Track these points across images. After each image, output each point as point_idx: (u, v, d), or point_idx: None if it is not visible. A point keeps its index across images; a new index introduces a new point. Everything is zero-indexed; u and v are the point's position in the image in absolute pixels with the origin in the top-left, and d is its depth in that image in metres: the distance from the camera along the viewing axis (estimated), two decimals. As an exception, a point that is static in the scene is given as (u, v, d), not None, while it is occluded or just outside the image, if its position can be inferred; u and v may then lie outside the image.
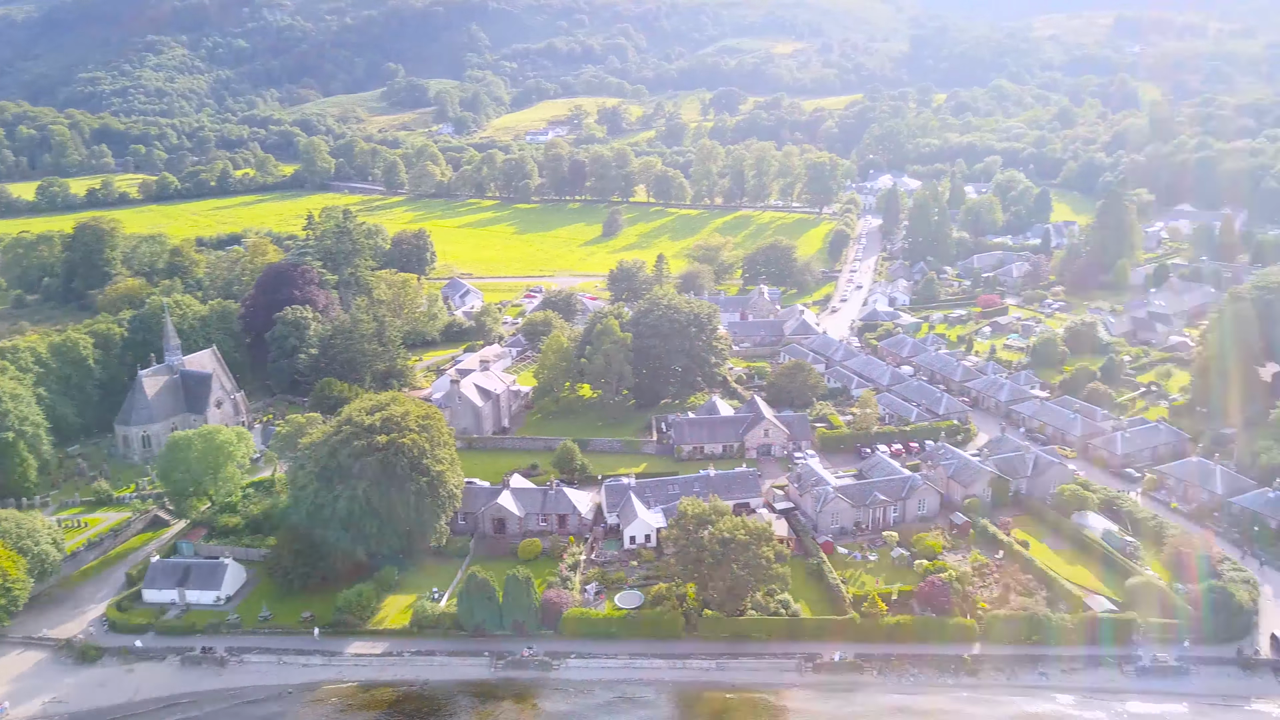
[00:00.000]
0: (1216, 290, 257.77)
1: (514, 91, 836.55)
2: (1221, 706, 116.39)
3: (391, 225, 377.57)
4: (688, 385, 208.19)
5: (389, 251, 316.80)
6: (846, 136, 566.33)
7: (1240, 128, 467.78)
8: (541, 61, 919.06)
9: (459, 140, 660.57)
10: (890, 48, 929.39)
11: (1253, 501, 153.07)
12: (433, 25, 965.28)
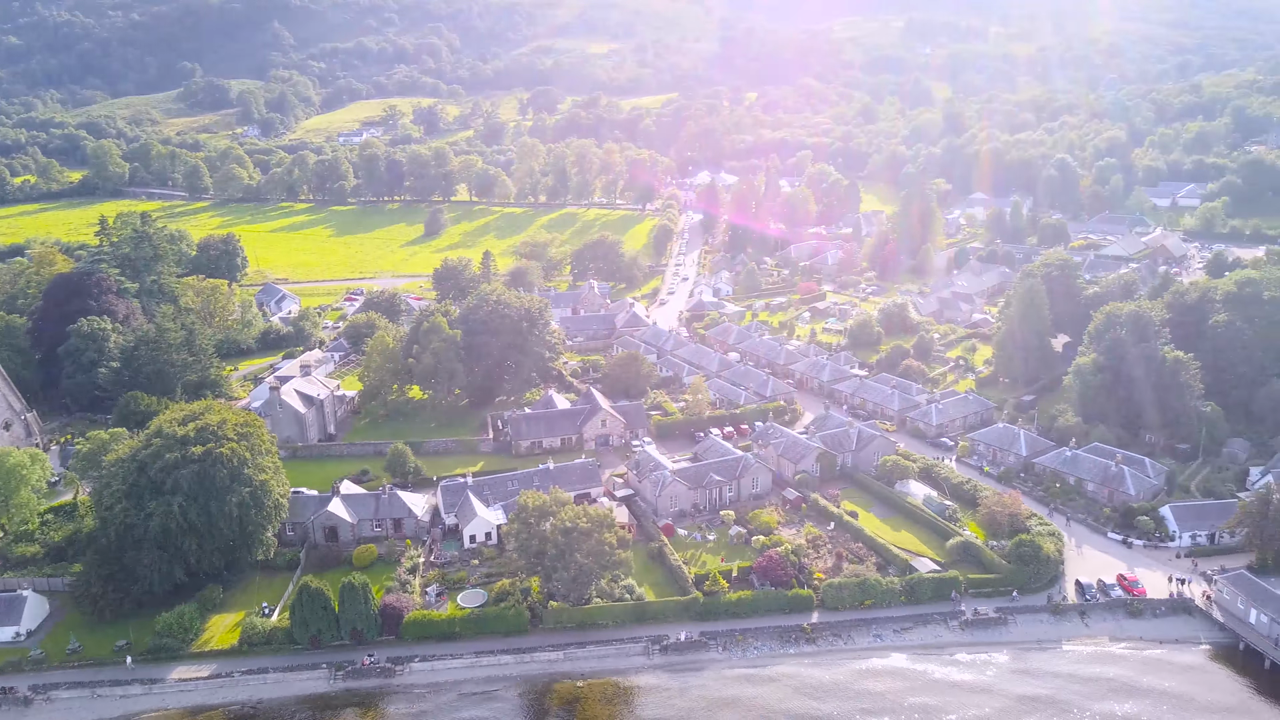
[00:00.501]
0: (1010, 270, 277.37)
1: (324, 92, 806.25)
2: (1036, 650, 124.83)
3: (197, 231, 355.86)
4: (522, 381, 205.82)
5: (195, 258, 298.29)
6: (664, 134, 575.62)
7: (1022, 121, 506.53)
8: (351, 61, 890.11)
9: (267, 142, 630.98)
10: (702, 48, 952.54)
11: (1052, 461, 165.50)
12: (231, 23, 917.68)
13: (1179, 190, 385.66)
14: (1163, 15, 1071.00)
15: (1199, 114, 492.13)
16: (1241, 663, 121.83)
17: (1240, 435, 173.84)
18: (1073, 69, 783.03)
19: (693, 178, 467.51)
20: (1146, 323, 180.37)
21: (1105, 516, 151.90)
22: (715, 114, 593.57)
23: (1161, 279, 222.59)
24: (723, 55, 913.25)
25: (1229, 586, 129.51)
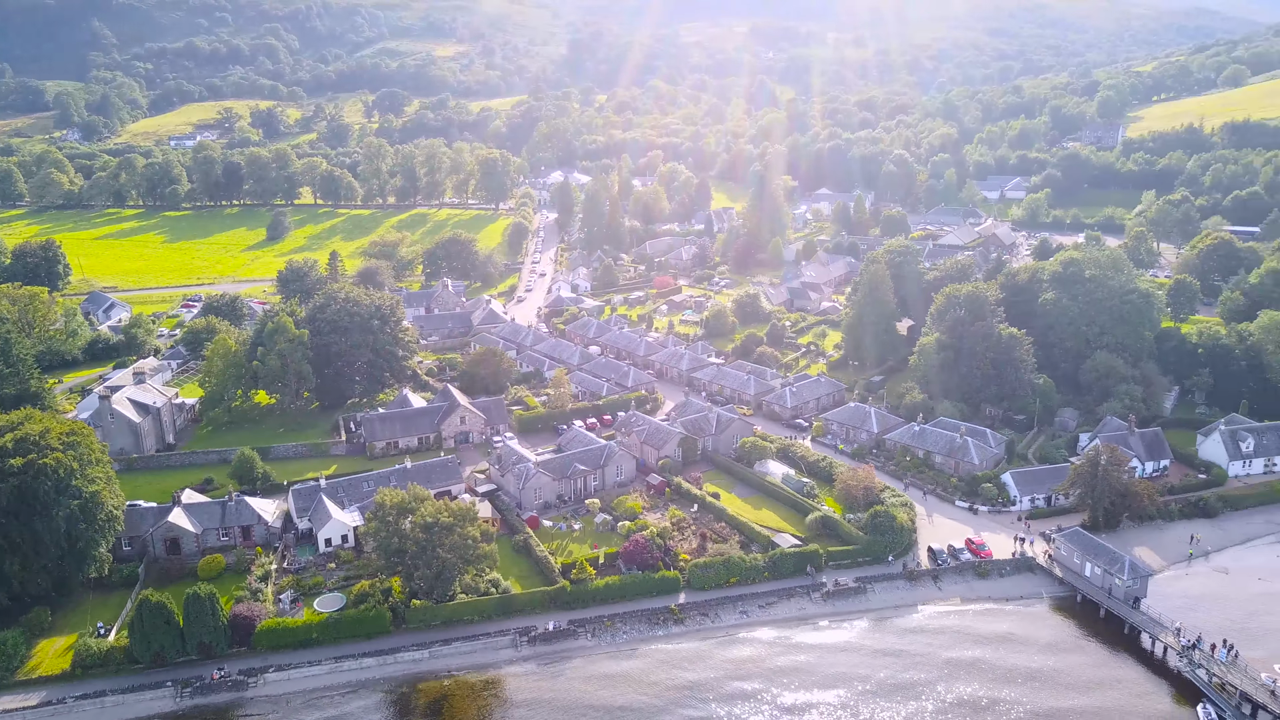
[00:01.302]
0: (855, 260, 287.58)
1: (152, 94, 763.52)
2: (894, 615, 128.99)
3: (11, 239, 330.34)
4: (375, 382, 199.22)
5: (9, 265, 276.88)
6: (516, 135, 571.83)
7: (861, 120, 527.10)
8: (182, 62, 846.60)
9: (90, 146, 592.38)
10: (551, 51, 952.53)
11: (902, 436, 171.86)
12: (45, 20, 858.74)
13: (1006, 183, 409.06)
14: (984, 23, 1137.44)
15: (1021, 113, 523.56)
16: (1079, 612, 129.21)
17: (1070, 405, 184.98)
18: (905, 72, 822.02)
19: (546, 177, 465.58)
20: (983, 302, 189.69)
21: (953, 486, 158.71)
22: (566, 115, 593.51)
23: (995, 263, 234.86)
24: (572, 58, 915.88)
25: (1065, 544, 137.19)
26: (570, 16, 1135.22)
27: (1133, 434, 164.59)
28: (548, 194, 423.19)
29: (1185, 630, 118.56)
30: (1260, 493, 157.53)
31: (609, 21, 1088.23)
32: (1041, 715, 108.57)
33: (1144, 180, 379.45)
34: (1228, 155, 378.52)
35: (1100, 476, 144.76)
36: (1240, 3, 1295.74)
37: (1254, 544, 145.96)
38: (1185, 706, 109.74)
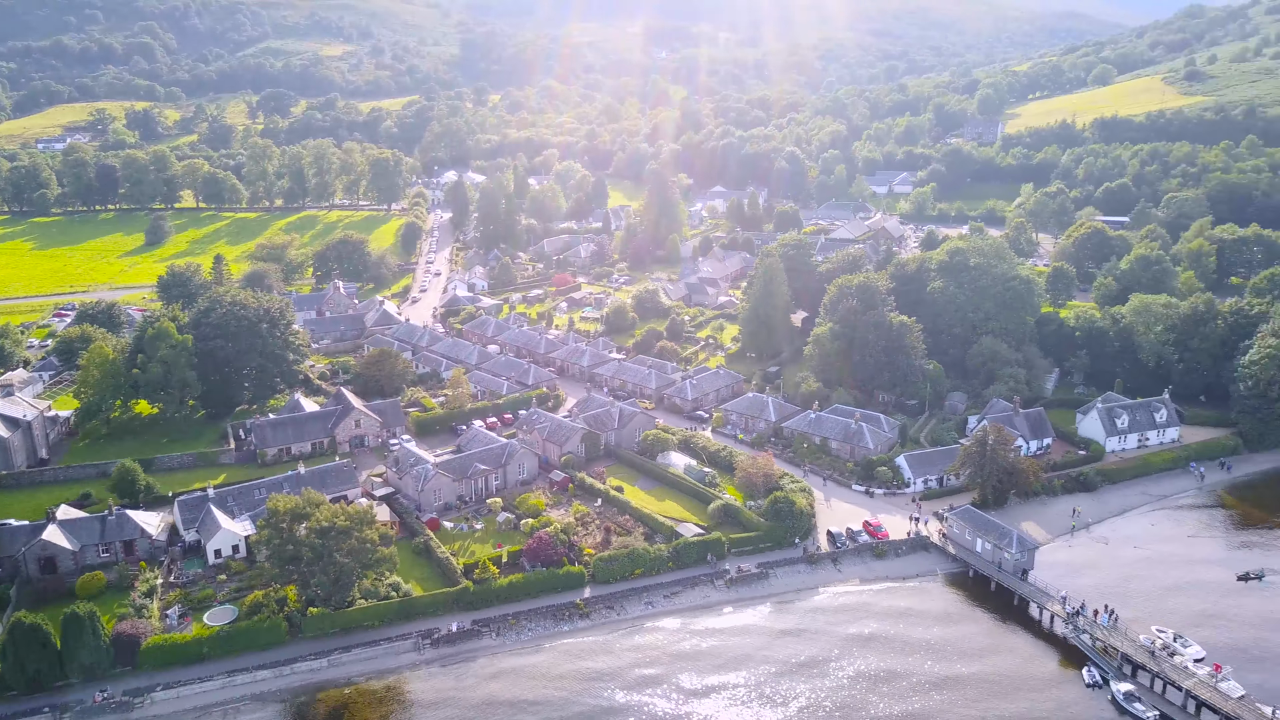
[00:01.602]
0: (750, 255, 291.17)
1: (16, 95, 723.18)
2: (796, 598, 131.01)
3: None
4: (265, 387, 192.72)
5: None
6: (408, 135, 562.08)
7: (754, 118, 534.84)
8: (48, 61, 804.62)
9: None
10: (442, 51, 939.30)
11: (799, 424, 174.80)
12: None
13: (894, 178, 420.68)
14: (869, 25, 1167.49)
15: (906, 110, 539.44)
16: (971, 586, 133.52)
17: (959, 389, 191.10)
18: (795, 72, 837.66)
19: (440, 177, 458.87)
20: (874, 292, 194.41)
21: (849, 470, 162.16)
22: (459, 115, 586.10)
23: (885, 254, 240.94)
24: (464, 58, 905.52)
25: (957, 521, 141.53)
26: (461, 16, 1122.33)
27: (1017, 414, 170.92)
28: (442, 194, 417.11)
29: (1070, 598, 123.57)
30: (1135, 466, 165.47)
31: (501, 21, 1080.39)
32: (937, 683, 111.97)
33: (1022, 174, 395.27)
34: (1098, 149, 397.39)
35: (988, 456, 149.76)
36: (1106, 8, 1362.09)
37: (1130, 514, 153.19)
38: (1071, 669, 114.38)
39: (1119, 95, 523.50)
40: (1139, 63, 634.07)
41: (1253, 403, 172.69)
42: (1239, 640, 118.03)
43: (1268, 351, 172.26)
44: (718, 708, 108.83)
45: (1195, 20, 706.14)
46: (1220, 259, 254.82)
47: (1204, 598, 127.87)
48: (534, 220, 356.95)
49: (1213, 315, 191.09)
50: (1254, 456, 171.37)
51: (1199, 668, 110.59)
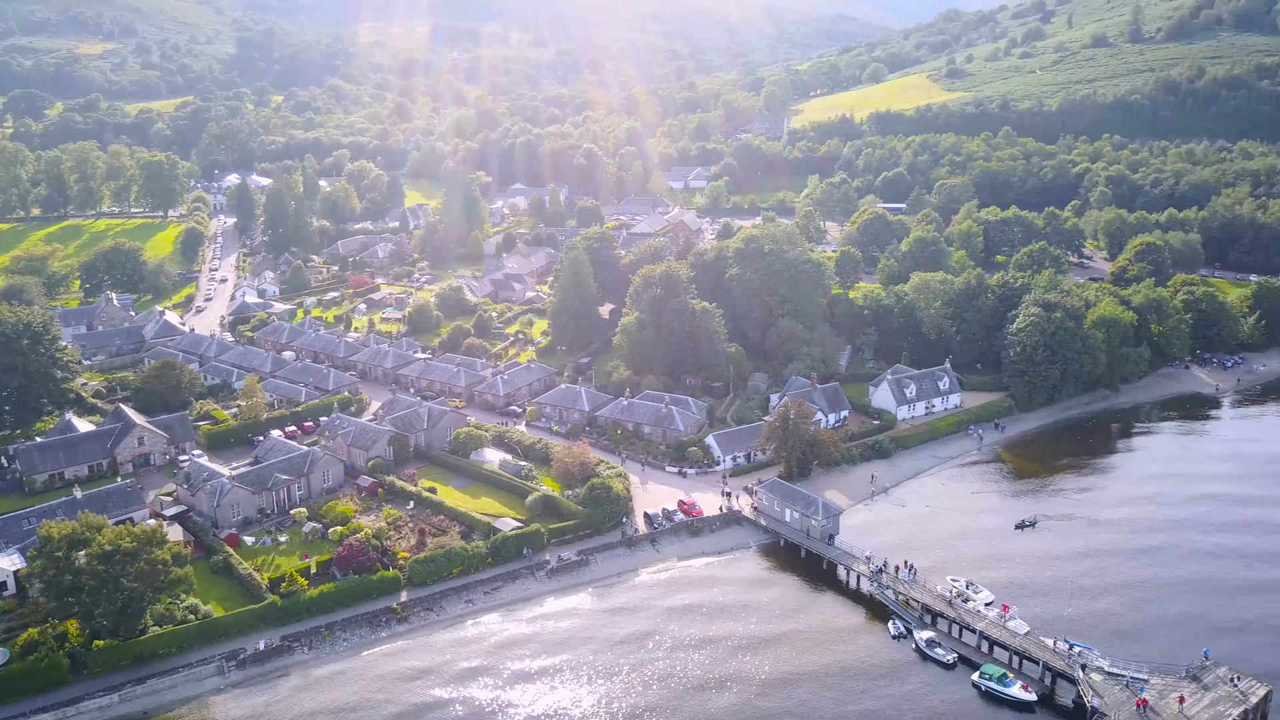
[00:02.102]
0: (555, 250, 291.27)
1: None
2: (617, 581, 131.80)
3: None
4: (29, 409, 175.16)
5: None
6: (183, 138, 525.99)
7: (550, 116, 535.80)
8: None
9: None
10: (216, 50, 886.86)
11: (612, 411, 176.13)
12: None
13: (689, 173, 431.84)
14: (659, 26, 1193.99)
15: (698, 108, 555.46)
16: (782, 555, 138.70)
17: (760, 369, 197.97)
18: (589, 71, 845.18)
19: (221, 181, 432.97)
20: (676, 280, 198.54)
21: (662, 453, 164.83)
22: (240, 116, 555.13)
23: (684, 245, 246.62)
24: (241, 57, 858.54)
25: (766, 494, 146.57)
26: (236, 13, 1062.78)
27: (815, 390, 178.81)
28: (225, 198, 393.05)
29: (873, 558, 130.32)
30: (924, 431, 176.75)
31: (279, 20, 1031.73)
32: (753, 644, 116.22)
33: (808, 166, 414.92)
34: (875, 142, 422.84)
35: (791, 430, 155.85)
36: (873, 12, 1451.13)
37: (922, 477, 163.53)
38: (878, 623, 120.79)
39: (891, 92, 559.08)
40: (907, 62, 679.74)
41: (1020, 367, 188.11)
42: (1018, 579, 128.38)
43: (1031, 319, 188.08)
44: (542, 690, 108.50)
45: (953, 23, 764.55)
46: (986, 238, 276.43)
47: (988, 545, 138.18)
48: (327, 222, 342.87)
49: (983, 289, 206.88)
50: (1024, 416, 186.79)
51: (990, 610, 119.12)
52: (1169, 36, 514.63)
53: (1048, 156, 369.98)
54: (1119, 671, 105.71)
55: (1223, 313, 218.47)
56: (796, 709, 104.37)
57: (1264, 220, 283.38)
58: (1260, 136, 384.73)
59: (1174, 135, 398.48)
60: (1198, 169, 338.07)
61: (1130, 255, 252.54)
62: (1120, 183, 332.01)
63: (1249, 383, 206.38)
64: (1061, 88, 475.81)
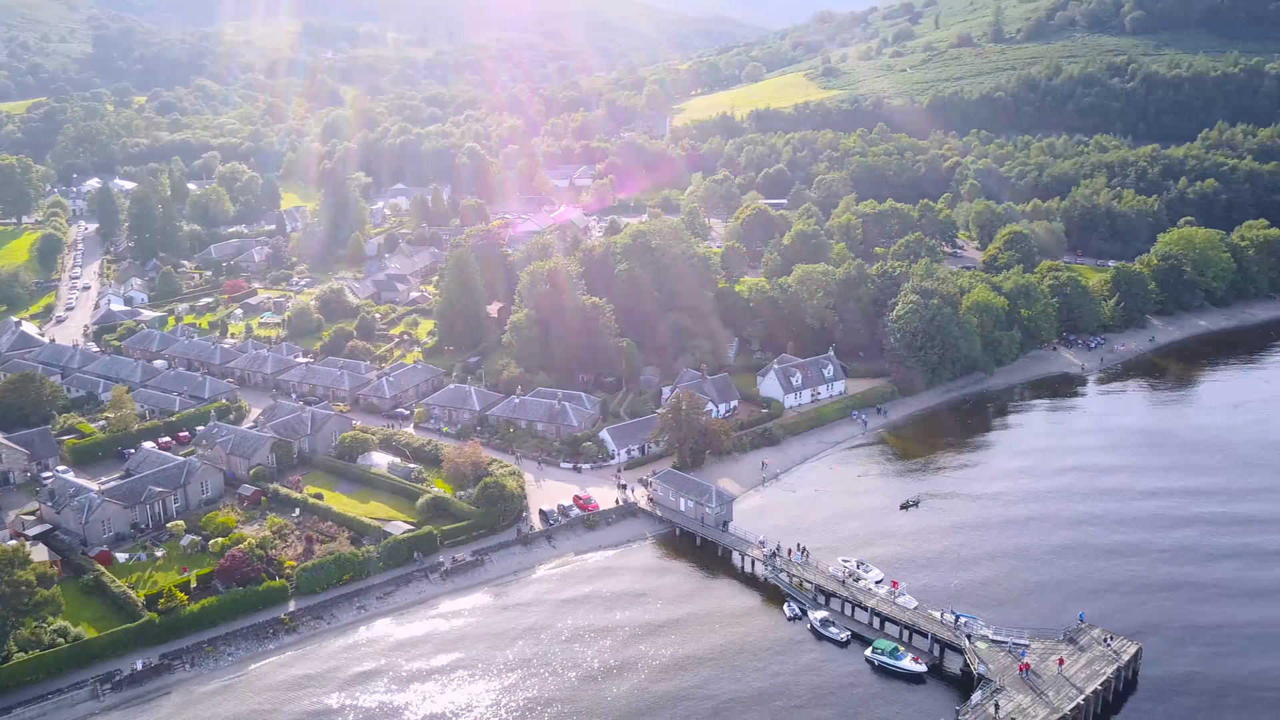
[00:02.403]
0: (439, 250, 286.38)
1: None
2: (514, 580, 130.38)
3: None
4: None
5: None
6: (36, 141, 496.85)
7: (431, 115, 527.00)
8: None
9: None
10: (71, 48, 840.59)
11: (503, 410, 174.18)
12: None
13: (574, 171, 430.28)
14: (540, 26, 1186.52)
15: (581, 106, 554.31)
16: (679, 543, 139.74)
17: (651, 363, 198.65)
18: (469, 71, 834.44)
19: (81, 185, 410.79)
20: (565, 277, 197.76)
21: (556, 449, 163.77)
22: (99, 117, 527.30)
23: (572, 241, 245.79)
24: (99, 56, 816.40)
25: (661, 484, 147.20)
26: (91, 11, 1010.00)
27: (706, 381, 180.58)
28: (85, 203, 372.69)
29: (766, 542, 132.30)
30: (811, 418, 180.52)
31: (139, 18, 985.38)
32: (651, 628, 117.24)
33: (692, 163, 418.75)
34: (756, 139, 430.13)
35: (683, 421, 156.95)
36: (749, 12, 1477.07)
37: (810, 462, 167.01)
38: (774, 606, 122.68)
39: (770, 90, 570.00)
40: (784, 61, 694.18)
41: (901, 353, 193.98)
42: (905, 555, 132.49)
43: (909, 307, 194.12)
44: (438, 689, 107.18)
45: (826, 24, 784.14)
46: (865, 231, 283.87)
47: (875, 524, 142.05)
48: (198, 226, 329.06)
49: (863, 279, 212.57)
50: (906, 400, 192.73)
51: (880, 588, 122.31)
52: (1028, 37, 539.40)
53: (920, 151, 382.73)
54: (1002, 639, 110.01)
55: (1085, 296, 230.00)
56: (694, 691, 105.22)
57: (1119, 209, 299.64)
58: (1113, 130, 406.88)
59: (1036, 130, 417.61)
60: (1058, 161, 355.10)
61: (1000, 244, 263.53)
62: (988, 175, 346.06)
63: (1111, 361, 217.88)
64: (931, 85, 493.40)
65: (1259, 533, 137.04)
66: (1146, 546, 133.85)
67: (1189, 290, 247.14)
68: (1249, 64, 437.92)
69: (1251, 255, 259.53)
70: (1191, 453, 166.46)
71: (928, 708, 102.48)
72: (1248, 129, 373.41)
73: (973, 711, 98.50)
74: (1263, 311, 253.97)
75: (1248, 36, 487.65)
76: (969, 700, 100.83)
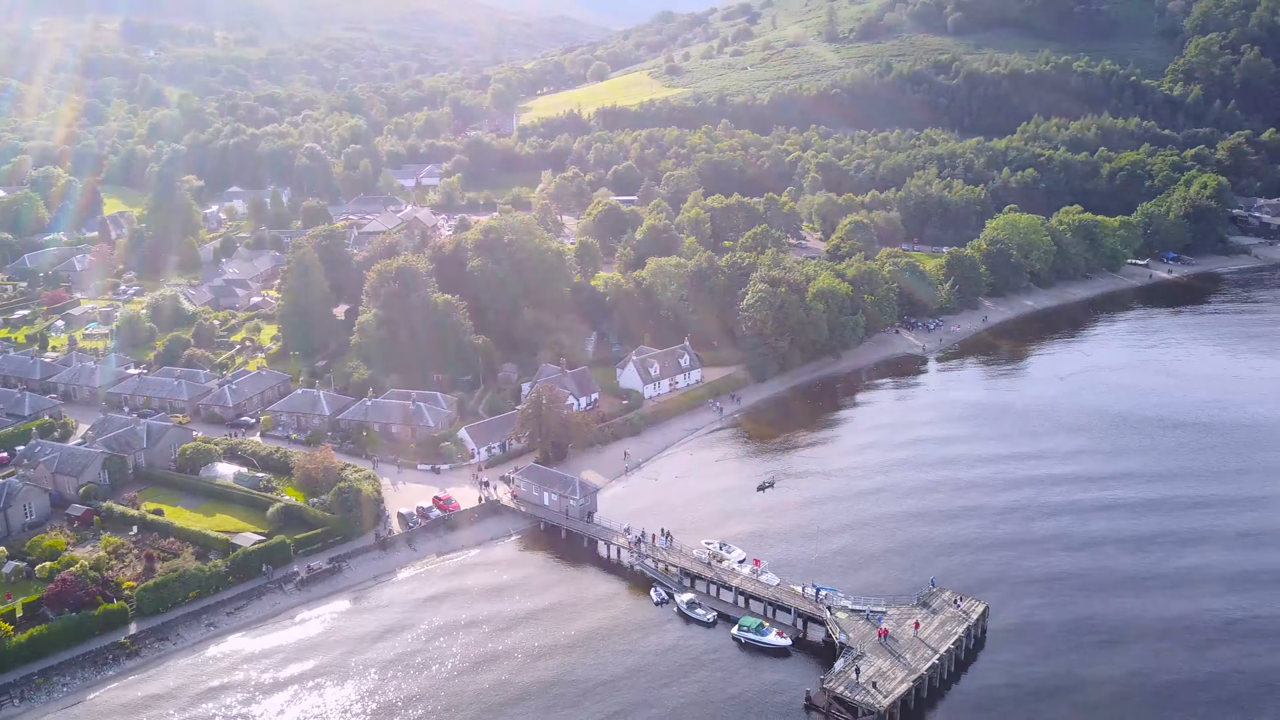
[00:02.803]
0: (280, 254, 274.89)
1: None
2: (374, 585, 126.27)
3: None
4: None
5: None
6: None
7: (266, 115, 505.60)
8: None
9: None
10: None
11: (356, 413, 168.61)
12: None
13: (421, 170, 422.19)
14: (378, 27, 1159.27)
15: (425, 106, 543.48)
16: (544, 538, 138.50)
17: (510, 360, 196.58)
18: (304, 71, 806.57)
19: None
20: (414, 274, 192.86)
21: (413, 451, 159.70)
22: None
23: (421, 238, 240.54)
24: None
25: (524, 480, 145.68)
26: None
27: (565, 376, 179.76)
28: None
29: (631, 529, 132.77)
30: (671, 408, 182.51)
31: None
32: (516, 620, 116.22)
33: (541, 161, 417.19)
34: (604, 136, 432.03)
35: (544, 415, 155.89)
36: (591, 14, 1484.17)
37: (671, 450, 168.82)
38: (641, 593, 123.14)
39: (616, 88, 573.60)
40: (628, 60, 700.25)
41: (753, 340, 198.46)
42: (765, 532, 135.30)
43: (759, 295, 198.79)
44: (292, 698, 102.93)
45: (668, 24, 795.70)
46: (714, 224, 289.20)
47: (735, 505, 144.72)
48: (9, 235, 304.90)
49: (714, 270, 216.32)
50: (760, 386, 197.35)
51: (743, 567, 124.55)
52: (860, 36, 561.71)
53: (764, 147, 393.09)
54: (860, 607, 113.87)
55: (923, 281, 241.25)
56: (561, 677, 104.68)
57: (951, 198, 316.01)
58: (941, 125, 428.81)
59: (871, 125, 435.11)
60: (893, 154, 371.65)
61: (842, 234, 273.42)
62: (829, 169, 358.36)
63: (949, 341, 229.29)
64: (771, 83, 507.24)
65: (1082, 491, 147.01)
66: (986, 508, 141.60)
67: (1016, 273, 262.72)
68: (1059, 62, 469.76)
69: (1069, 239, 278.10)
70: (1023, 421, 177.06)
71: (793, 679, 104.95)
72: (1061, 123, 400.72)
73: (836, 678, 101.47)
74: (1082, 290, 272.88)
75: (1057, 37, 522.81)
76: (832, 668, 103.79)
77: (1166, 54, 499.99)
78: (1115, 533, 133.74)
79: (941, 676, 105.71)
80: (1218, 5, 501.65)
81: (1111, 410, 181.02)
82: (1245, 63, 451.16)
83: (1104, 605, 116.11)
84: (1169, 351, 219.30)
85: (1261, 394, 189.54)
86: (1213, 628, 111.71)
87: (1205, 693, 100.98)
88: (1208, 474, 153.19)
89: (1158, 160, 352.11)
